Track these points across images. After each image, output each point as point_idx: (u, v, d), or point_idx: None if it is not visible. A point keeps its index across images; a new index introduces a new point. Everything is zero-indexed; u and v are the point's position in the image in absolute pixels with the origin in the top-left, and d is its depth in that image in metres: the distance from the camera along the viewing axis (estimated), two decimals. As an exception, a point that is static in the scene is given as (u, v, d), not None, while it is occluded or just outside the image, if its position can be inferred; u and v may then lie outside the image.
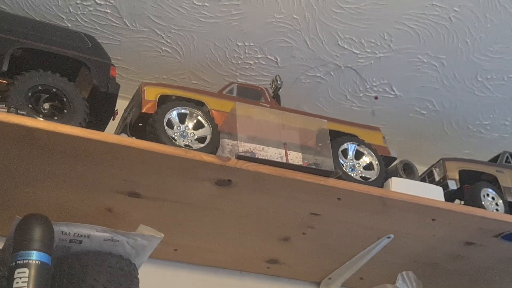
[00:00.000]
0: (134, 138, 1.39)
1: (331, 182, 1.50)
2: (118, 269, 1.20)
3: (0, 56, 1.38)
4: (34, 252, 1.11)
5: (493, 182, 1.79)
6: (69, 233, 1.19)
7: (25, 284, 1.08)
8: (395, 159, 1.75)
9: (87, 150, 1.32)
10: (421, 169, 1.84)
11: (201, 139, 1.47)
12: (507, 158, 1.90)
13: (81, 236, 1.21)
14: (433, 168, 1.81)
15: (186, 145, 1.43)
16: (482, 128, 2.17)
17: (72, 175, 1.40)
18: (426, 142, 2.21)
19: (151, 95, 1.48)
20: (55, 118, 1.35)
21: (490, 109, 2.10)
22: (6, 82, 1.36)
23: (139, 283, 1.24)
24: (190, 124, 1.48)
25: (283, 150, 1.54)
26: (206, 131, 1.48)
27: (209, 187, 1.47)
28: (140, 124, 1.48)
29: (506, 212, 1.75)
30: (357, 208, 1.59)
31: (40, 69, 1.40)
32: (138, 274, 1.24)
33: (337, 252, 1.77)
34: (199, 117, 1.50)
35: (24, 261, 1.11)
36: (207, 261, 1.77)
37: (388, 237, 1.71)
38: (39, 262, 1.10)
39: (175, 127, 1.46)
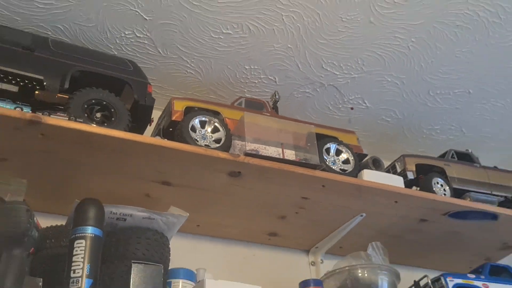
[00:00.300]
0: (166, 139, 1.38)
1: (317, 173, 1.51)
2: (154, 241, 1.20)
3: (63, 77, 1.38)
4: (89, 227, 1.11)
5: (442, 173, 1.79)
6: (116, 212, 1.20)
7: (82, 252, 1.08)
8: (366, 155, 1.75)
9: (130, 149, 1.33)
10: (386, 163, 1.84)
11: (217, 140, 1.47)
12: (452, 154, 1.91)
13: (125, 215, 1.22)
14: (395, 163, 1.82)
15: (205, 145, 1.44)
16: (433, 132, 2.17)
17: (118, 168, 1.41)
18: (390, 142, 2.21)
19: (179, 106, 1.49)
20: (105, 124, 1.35)
21: (439, 117, 2.10)
22: (67, 96, 1.35)
23: (170, 251, 1.24)
24: (209, 129, 1.48)
25: (280, 149, 1.53)
26: (221, 134, 1.49)
27: (223, 177, 1.48)
28: (171, 129, 1.48)
29: (452, 196, 1.75)
30: (337, 193, 1.59)
31: (93, 86, 1.39)
32: (169, 245, 1.24)
33: (322, 227, 1.78)
34: (216, 124, 1.50)
35: (82, 234, 1.10)
36: (222, 234, 1.78)
37: (361, 215, 1.71)
38: (93, 235, 1.10)
39: (197, 131, 1.46)
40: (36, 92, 1.35)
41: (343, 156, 1.65)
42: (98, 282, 1.10)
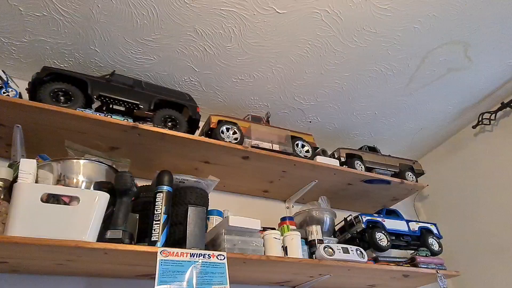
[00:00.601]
0: (207, 138, 1.39)
1: (291, 158, 1.52)
2: (200, 194, 1.21)
3: (150, 102, 1.40)
4: (165, 186, 1.12)
5: (360, 158, 1.80)
6: (179, 178, 1.21)
7: (161, 200, 1.10)
8: (318, 148, 1.74)
9: (186, 142, 1.35)
10: (329, 152, 1.84)
11: (235, 139, 1.48)
12: (366, 148, 1.91)
13: (184, 180, 1.22)
14: (334, 152, 1.82)
15: (229, 141, 1.44)
16: (355, 135, 2.16)
17: (179, 153, 1.43)
18: (332, 141, 2.19)
19: (214, 119, 1.49)
20: (173, 129, 1.37)
21: (359, 127, 2.09)
22: (152, 113, 1.37)
23: (209, 200, 1.24)
24: (231, 132, 1.49)
25: (271, 144, 1.54)
26: (238, 135, 1.50)
27: (239, 159, 1.50)
28: (209, 132, 1.48)
29: (365, 171, 1.75)
30: (302, 168, 1.60)
31: (167, 108, 1.41)
32: (208, 196, 1.24)
33: (293, 187, 1.78)
34: (235, 129, 1.51)
35: (160, 190, 1.12)
36: (237, 190, 1.78)
37: (315, 181, 1.71)
38: (167, 190, 1.12)
39: (224, 133, 1.47)
40: (135, 110, 1.37)
41: (305, 148, 1.65)
42: (170, 217, 1.12)
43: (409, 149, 2.33)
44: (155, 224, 1.06)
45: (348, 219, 1.63)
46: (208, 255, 1.04)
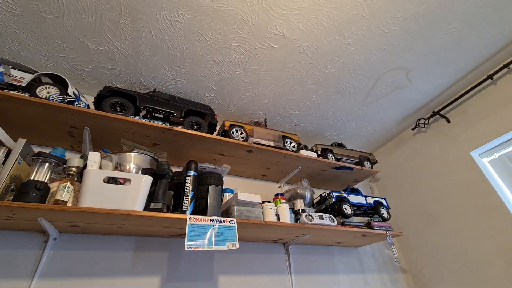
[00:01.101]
0: (222, 137, 1.38)
1: (282, 151, 1.50)
2: (217, 177, 1.20)
3: (181, 112, 1.38)
4: (192, 171, 1.11)
5: (331, 152, 1.78)
6: (202, 166, 1.19)
7: (189, 182, 1.08)
8: (301, 144, 1.72)
9: (207, 140, 1.33)
10: (310, 147, 1.82)
11: (242, 137, 1.47)
12: (335, 144, 1.89)
13: (205, 167, 1.22)
14: (313, 147, 1.80)
15: (238, 139, 1.43)
16: (329, 135, 2.13)
17: (202, 148, 1.41)
18: (311, 139, 2.17)
19: (227, 124, 1.48)
20: (198, 130, 1.35)
21: (331, 129, 2.07)
22: (183, 120, 1.35)
23: (223, 181, 1.23)
24: (239, 133, 1.48)
25: (267, 141, 1.53)
26: (244, 135, 1.48)
27: (244, 152, 1.47)
28: (223, 133, 1.46)
29: (335, 160, 1.74)
30: (290, 159, 1.58)
31: (193, 115, 1.40)
32: (223, 179, 1.23)
33: (283, 173, 1.74)
34: (242, 131, 1.49)
35: (189, 174, 1.11)
36: (243, 175, 1.74)
37: (299, 168, 1.69)
38: (194, 175, 1.11)
39: (234, 134, 1.46)
40: (170, 117, 1.36)
41: (292, 144, 1.63)
42: (195, 193, 1.11)
43: (366, 145, 2.32)
44: (185, 198, 1.06)
45: (323, 195, 1.62)
46: (223, 221, 1.04)
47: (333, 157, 1.76)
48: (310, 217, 1.32)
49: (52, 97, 1.10)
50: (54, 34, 1.25)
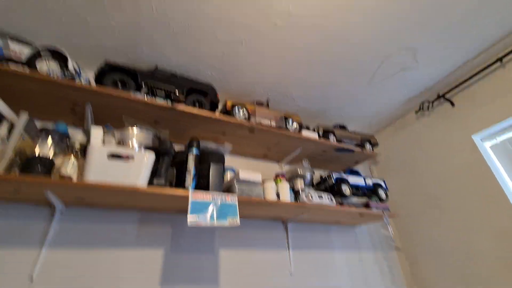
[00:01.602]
0: (224, 115, 1.37)
1: (283, 131, 1.51)
2: (219, 156, 1.21)
3: (183, 90, 1.36)
4: (194, 148, 1.12)
5: (333, 133, 1.77)
6: (205, 145, 1.20)
7: (192, 159, 1.09)
8: (302, 124, 1.71)
9: (209, 119, 1.32)
10: (312, 127, 1.81)
11: (245, 117, 1.46)
12: (337, 126, 1.88)
13: (208, 147, 1.22)
14: (315, 127, 1.79)
15: (240, 119, 1.42)
16: (331, 116, 2.11)
17: (203, 127, 1.41)
18: (314, 119, 2.14)
19: (229, 103, 1.46)
20: (200, 108, 1.34)
21: (334, 110, 2.04)
22: (184, 98, 1.34)
23: (225, 160, 1.23)
24: (241, 112, 1.47)
25: (270, 121, 1.53)
26: (246, 115, 1.47)
27: (246, 132, 1.47)
28: (226, 112, 1.46)
29: (336, 142, 1.73)
30: (292, 140, 1.58)
31: (195, 93, 1.38)
32: (224, 157, 1.23)
33: (284, 153, 1.74)
34: (244, 110, 1.48)
35: (191, 153, 1.11)
36: (244, 154, 1.74)
37: (300, 148, 1.69)
38: (195, 153, 1.12)
39: (237, 114, 1.45)
40: (172, 95, 1.35)
41: (295, 124, 1.61)
42: (197, 171, 1.12)
43: (368, 127, 2.30)
44: (187, 175, 1.07)
45: (323, 176, 1.64)
46: (224, 198, 1.06)
47: (335, 139, 1.75)
48: (310, 196, 1.34)
49: (53, 72, 1.09)
50: (50, 7, 1.21)
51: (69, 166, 0.90)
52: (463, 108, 1.75)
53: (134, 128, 1.07)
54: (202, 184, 1.11)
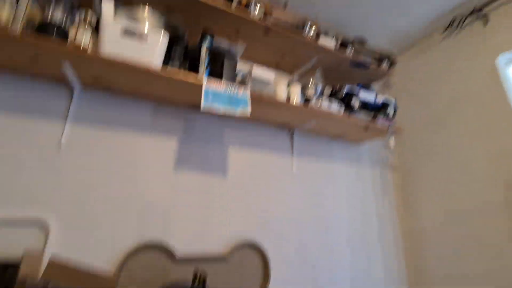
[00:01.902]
0: (239, 11, 1.27)
1: (300, 36, 1.41)
2: (232, 54, 1.16)
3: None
4: (207, 42, 1.06)
5: (351, 45, 1.66)
6: (218, 42, 1.13)
7: (205, 52, 1.06)
8: (321, 32, 1.59)
9: (223, 15, 1.23)
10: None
11: (260, 17, 1.36)
12: (357, 38, 1.75)
13: (221, 45, 1.15)
14: (334, 34, 1.66)
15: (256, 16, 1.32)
16: (352, 27, 1.94)
17: (218, 22, 1.30)
18: (333, 29, 1.99)
19: (245, -3, 1.34)
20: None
21: (356, 20, 1.87)
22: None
23: (237, 62, 1.19)
24: (257, 9, 1.36)
25: (286, 23, 1.43)
26: (262, 13, 1.36)
27: (261, 33, 1.37)
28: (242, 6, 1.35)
29: (353, 55, 1.64)
30: (307, 48, 1.48)
31: None
32: (237, 58, 1.18)
33: (298, 64, 1.66)
34: (260, 6, 1.36)
35: (204, 45, 1.09)
36: (256, 60, 1.65)
37: (315, 58, 1.62)
38: (208, 47, 1.07)
39: (252, 10, 1.34)
40: None
41: (312, 30, 1.49)
42: (210, 64, 1.10)
43: (390, 47, 2.17)
44: (200, 65, 1.07)
45: (334, 88, 1.62)
46: (237, 88, 1.08)
47: (352, 52, 1.66)
48: (320, 100, 1.36)
49: None
50: None
51: (83, 37, 0.89)
52: (495, 26, 1.61)
53: (146, 7, 1.02)
54: (215, 74, 1.11)
